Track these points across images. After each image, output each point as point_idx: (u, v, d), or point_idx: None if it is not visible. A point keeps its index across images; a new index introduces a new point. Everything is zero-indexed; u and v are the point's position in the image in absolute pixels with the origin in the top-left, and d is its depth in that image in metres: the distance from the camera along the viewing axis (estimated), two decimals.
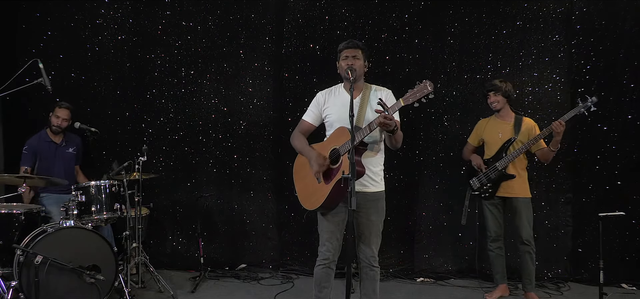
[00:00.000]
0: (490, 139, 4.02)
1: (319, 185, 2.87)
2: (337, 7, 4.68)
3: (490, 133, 4.02)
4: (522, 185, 3.92)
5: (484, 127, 4.09)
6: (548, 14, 4.52)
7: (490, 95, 3.97)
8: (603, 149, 4.48)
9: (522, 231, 3.87)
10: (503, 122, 3.99)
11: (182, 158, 4.86)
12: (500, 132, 3.96)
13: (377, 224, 2.95)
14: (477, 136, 4.13)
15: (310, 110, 3.08)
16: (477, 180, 4.01)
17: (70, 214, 3.51)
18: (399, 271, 4.69)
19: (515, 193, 3.89)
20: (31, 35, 4.79)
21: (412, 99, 2.65)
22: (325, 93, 3.07)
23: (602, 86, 4.47)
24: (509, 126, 3.96)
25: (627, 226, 4.38)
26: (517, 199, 3.89)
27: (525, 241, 3.87)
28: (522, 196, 3.90)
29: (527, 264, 3.90)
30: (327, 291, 2.94)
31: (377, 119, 2.67)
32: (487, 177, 3.94)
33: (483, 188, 3.98)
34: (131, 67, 4.84)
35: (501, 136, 3.94)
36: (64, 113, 4.23)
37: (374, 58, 4.68)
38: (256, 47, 4.79)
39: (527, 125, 3.94)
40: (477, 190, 4.02)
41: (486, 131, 4.06)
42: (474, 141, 4.16)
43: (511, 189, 3.90)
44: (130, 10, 4.81)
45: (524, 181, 3.95)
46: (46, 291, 3.14)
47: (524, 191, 3.92)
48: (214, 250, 4.85)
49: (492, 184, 3.93)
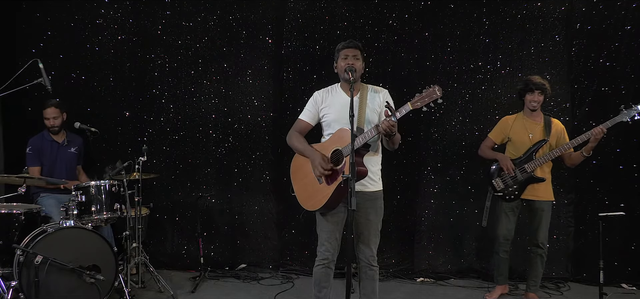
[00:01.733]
0: (518, 138, 3.81)
1: (321, 186, 2.86)
2: (337, 7, 4.68)
3: (519, 132, 3.82)
4: (547, 188, 3.79)
5: (510, 125, 3.87)
6: (548, 14, 4.52)
7: (536, 94, 3.73)
8: (603, 149, 4.47)
9: (540, 234, 3.77)
10: (533, 122, 3.81)
11: (182, 158, 4.86)
12: (530, 132, 3.78)
13: (376, 223, 2.95)
14: (503, 133, 3.91)
15: (307, 109, 3.06)
16: (500, 181, 3.80)
17: (70, 214, 3.51)
18: (398, 271, 4.69)
19: (540, 196, 3.76)
20: (31, 35, 4.79)
21: (421, 103, 2.63)
22: (323, 93, 3.06)
23: (602, 86, 4.46)
24: (539, 127, 3.79)
25: (627, 226, 4.37)
26: (542, 202, 3.76)
27: (541, 244, 3.77)
28: (546, 200, 3.78)
29: (537, 266, 3.83)
30: (326, 291, 2.94)
31: (383, 123, 2.64)
32: (514, 179, 3.75)
33: (508, 190, 3.78)
34: (131, 67, 4.84)
35: (532, 137, 3.76)
36: (52, 112, 4.17)
37: (374, 58, 4.68)
38: (256, 47, 4.79)
39: (557, 127, 3.80)
40: (500, 191, 3.82)
41: (513, 129, 3.84)
42: (498, 139, 3.94)
43: (536, 191, 3.75)
44: (130, 10, 4.81)
45: (549, 184, 3.80)
46: (46, 291, 3.14)
47: (548, 195, 3.79)
48: (214, 250, 4.85)
49: (519, 186, 3.76)
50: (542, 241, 3.79)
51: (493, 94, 4.62)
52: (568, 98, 4.54)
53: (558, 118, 4.11)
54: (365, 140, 2.77)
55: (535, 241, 3.81)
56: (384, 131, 2.65)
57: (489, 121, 4.47)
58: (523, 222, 4.06)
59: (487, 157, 3.97)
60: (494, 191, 3.87)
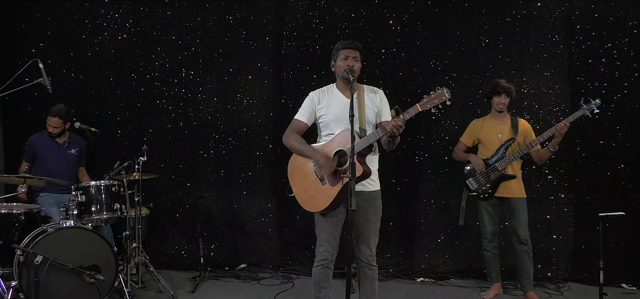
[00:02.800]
0: (487, 139, 4.01)
1: (324, 187, 2.85)
2: (337, 7, 4.68)
3: (488, 133, 4.02)
4: (519, 185, 3.95)
5: (479, 127, 4.08)
6: (548, 14, 4.52)
7: (502, 96, 3.94)
8: (604, 149, 4.48)
9: (520, 231, 3.88)
10: (501, 123, 4.00)
11: (182, 158, 4.86)
12: (499, 132, 3.96)
13: (375, 223, 2.96)
14: (472, 135, 4.12)
15: (304, 109, 3.03)
16: (474, 181, 3.99)
17: (70, 214, 3.51)
18: (398, 271, 4.69)
19: (513, 193, 3.91)
20: (31, 35, 4.79)
21: (430, 105, 2.66)
22: (319, 93, 3.04)
23: (601, 86, 4.47)
24: (507, 126, 3.97)
25: (627, 226, 4.37)
26: (515, 199, 3.91)
27: (523, 241, 3.88)
28: (519, 196, 3.92)
29: (526, 263, 3.91)
30: (325, 292, 2.94)
31: (391, 124, 2.64)
32: (487, 177, 3.93)
33: (482, 189, 3.96)
34: (131, 67, 4.84)
35: (500, 137, 3.94)
36: (53, 121, 4.19)
37: (374, 58, 4.68)
38: (256, 47, 4.79)
39: (524, 126, 3.97)
40: (475, 191, 4.00)
41: (483, 131, 4.05)
42: (468, 141, 4.15)
43: (509, 189, 3.91)
44: (130, 10, 4.81)
45: (520, 181, 3.97)
46: (46, 291, 3.14)
47: (520, 191, 3.95)
48: (214, 250, 4.85)
49: (492, 184, 3.92)
50: (524, 237, 3.89)
51: None
52: (568, 98, 4.54)
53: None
54: (371, 141, 2.79)
55: (518, 239, 3.92)
56: (391, 131, 2.65)
57: None
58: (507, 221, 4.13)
59: (460, 159, 4.16)
60: (469, 191, 4.04)
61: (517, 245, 3.93)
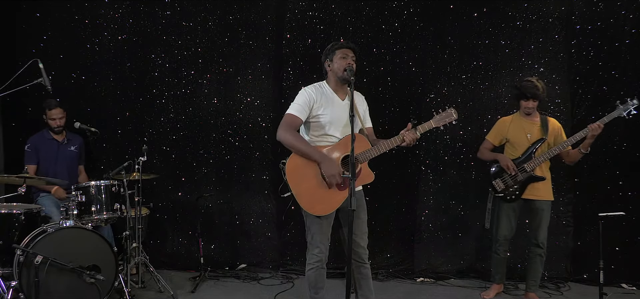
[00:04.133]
0: (516, 139, 3.85)
1: (329, 191, 2.84)
2: (338, 7, 4.68)
3: (516, 133, 3.86)
4: (547, 187, 3.83)
5: (507, 126, 3.92)
6: (548, 14, 4.52)
7: (530, 101, 3.79)
8: (604, 149, 4.48)
9: (540, 234, 3.80)
10: (530, 122, 3.85)
11: (182, 158, 4.86)
12: (528, 132, 3.82)
13: (365, 221, 3.03)
14: (500, 134, 3.96)
15: (301, 106, 2.92)
16: (502, 181, 3.83)
17: (70, 214, 3.51)
18: (398, 271, 4.69)
19: (540, 196, 3.79)
20: (31, 36, 4.78)
21: (441, 123, 2.96)
22: (314, 91, 2.96)
23: (601, 86, 4.47)
24: (536, 126, 3.83)
25: (627, 226, 4.37)
26: (541, 201, 3.79)
27: (540, 244, 3.80)
28: (547, 199, 3.81)
29: (537, 266, 3.85)
30: (322, 293, 2.97)
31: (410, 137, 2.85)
32: (515, 179, 3.78)
33: (509, 190, 3.81)
34: (131, 67, 4.84)
35: (530, 137, 3.80)
36: (57, 112, 4.20)
37: (374, 58, 4.68)
38: (256, 47, 4.79)
39: (554, 125, 3.84)
40: (501, 192, 3.85)
41: (511, 130, 3.89)
42: (495, 140, 3.98)
43: (537, 191, 3.79)
44: (130, 10, 4.81)
45: (549, 183, 3.83)
46: (46, 291, 3.14)
47: (548, 194, 3.83)
48: (214, 250, 4.85)
49: (520, 186, 3.79)
50: (542, 241, 3.81)
51: (493, 94, 4.62)
52: (568, 98, 4.54)
53: (558, 118, 4.11)
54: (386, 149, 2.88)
55: (535, 241, 3.83)
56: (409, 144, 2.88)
57: (489, 121, 4.47)
58: (521, 222, 4.09)
59: (487, 159, 3.99)
60: (495, 192, 3.89)
61: (532, 247, 3.85)
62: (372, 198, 3.24)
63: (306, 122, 2.96)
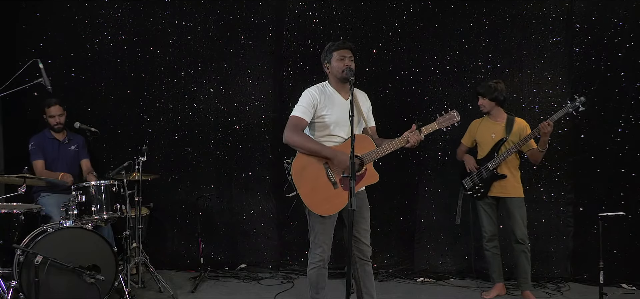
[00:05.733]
0: (482, 139, 4.05)
1: (336, 191, 2.86)
2: (338, 7, 4.68)
3: (483, 134, 4.05)
4: (515, 185, 3.95)
5: (477, 127, 4.12)
6: (548, 14, 4.52)
7: (479, 98, 4.02)
8: (603, 150, 4.48)
9: (516, 230, 3.90)
10: (495, 123, 4.02)
11: (182, 158, 4.86)
12: (492, 132, 3.99)
13: (368, 220, 3.05)
14: (471, 136, 4.15)
15: (306, 107, 2.93)
16: (469, 180, 4.05)
17: (70, 214, 3.51)
18: (398, 271, 4.69)
19: (508, 193, 3.93)
20: (31, 35, 4.79)
21: (445, 124, 2.99)
22: (318, 92, 2.98)
23: (602, 86, 4.47)
24: (500, 127, 3.99)
25: (627, 226, 4.38)
26: (510, 199, 3.93)
27: (520, 240, 3.90)
28: (515, 196, 3.93)
29: (523, 263, 3.93)
30: (323, 292, 2.98)
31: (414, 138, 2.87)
32: (479, 177, 3.97)
33: (475, 188, 4.01)
34: (131, 67, 4.84)
35: (494, 137, 3.97)
36: (57, 110, 4.20)
37: (374, 58, 4.68)
38: (256, 47, 4.79)
39: (519, 125, 3.96)
40: (469, 190, 4.06)
41: (479, 131, 4.09)
42: (468, 142, 4.18)
43: (504, 189, 3.93)
44: (130, 10, 4.81)
45: (517, 181, 3.98)
46: (46, 291, 3.13)
47: (516, 191, 3.95)
48: (214, 250, 4.85)
49: (484, 184, 3.96)
50: (521, 237, 3.91)
51: None
52: (568, 98, 4.53)
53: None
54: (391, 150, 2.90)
55: (514, 238, 3.94)
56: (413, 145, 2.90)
57: None
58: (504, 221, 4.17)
59: (460, 160, 4.22)
60: (464, 190, 4.10)
61: (514, 245, 3.95)
62: (372, 198, 3.25)
63: (311, 123, 2.98)
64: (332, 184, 2.86)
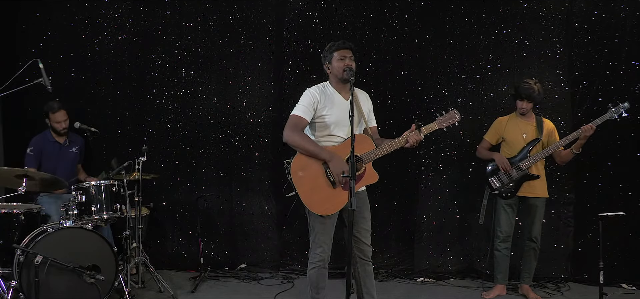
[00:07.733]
0: (512, 138, 3.98)
1: (336, 190, 2.86)
2: (337, 7, 4.68)
3: (513, 132, 3.98)
4: (542, 185, 3.95)
5: (504, 125, 4.04)
6: (548, 14, 4.52)
7: (524, 102, 3.91)
8: (604, 150, 4.48)
9: (534, 228, 3.93)
10: (526, 123, 3.97)
11: (182, 158, 4.86)
12: (524, 132, 3.94)
13: (369, 219, 3.05)
14: (497, 134, 4.08)
15: (306, 107, 2.93)
16: (497, 179, 3.94)
17: (70, 214, 3.51)
18: (399, 270, 4.69)
19: (536, 193, 3.92)
20: (31, 35, 4.79)
21: (445, 124, 2.98)
22: (319, 92, 2.98)
23: (602, 86, 4.47)
24: (531, 126, 3.95)
25: (627, 226, 4.37)
26: (537, 198, 3.93)
27: (534, 238, 3.94)
28: (542, 196, 3.94)
29: (531, 259, 3.99)
30: (324, 293, 2.98)
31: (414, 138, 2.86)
32: (510, 177, 3.89)
33: (505, 188, 3.92)
34: (131, 67, 4.84)
35: (525, 137, 3.92)
36: (62, 115, 4.20)
37: (374, 58, 4.68)
38: (256, 47, 4.79)
39: (548, 126, 3.96)
40: (497, 190, 3.95)
41: (507, 129, 4.01)
42: (493, 139, 4.10)
43: (533, 189, 3.91)
44: (130, 10, 4.81)
45: (544, 181, 3.97)
46: (46, 291, 3.14)
47: (543, 191, 3.96)
48: (214, 250, 4.85)
49: (515, 184, 3.90)
50: (536, 235, 3.94)
51: (493, 94, 4.62)
52: (568, 98, 4.54)
53: (558, 118, 4.11)
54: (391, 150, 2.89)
55: (529, 235, 3.96)
56: (413, 145, 2.89)
57: (489, 120, 4.46)
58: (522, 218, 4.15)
59: (484, 158, 4.12)
60: (491, 189, 4.01)
61: (526, 241, 3.98)
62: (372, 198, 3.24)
63: (311, 123, 2.98)
64: (332, 184, 2.86)
